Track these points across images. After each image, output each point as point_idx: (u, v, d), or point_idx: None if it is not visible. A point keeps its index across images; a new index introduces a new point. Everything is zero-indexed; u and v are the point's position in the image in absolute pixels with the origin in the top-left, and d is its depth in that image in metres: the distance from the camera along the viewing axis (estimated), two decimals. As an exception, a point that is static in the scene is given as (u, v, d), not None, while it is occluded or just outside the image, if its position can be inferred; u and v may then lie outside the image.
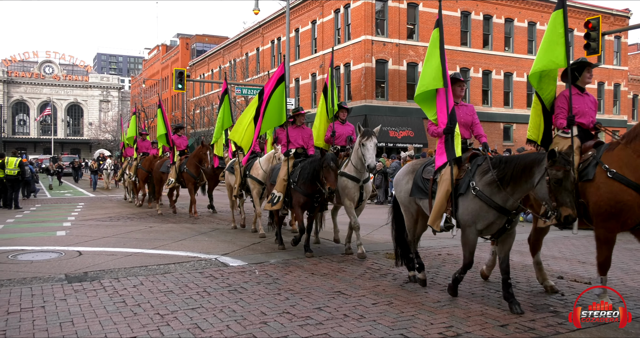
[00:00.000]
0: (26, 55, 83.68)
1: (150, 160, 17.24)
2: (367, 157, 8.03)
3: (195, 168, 14.18)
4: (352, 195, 8.62)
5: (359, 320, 5.16)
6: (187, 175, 14.37)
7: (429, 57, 6.57)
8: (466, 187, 5.67)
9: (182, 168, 14.49)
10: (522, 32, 36.50)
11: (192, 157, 14.27)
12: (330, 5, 34.76)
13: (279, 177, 9.05)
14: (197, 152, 14.08)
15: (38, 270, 7.65)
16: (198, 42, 64.71)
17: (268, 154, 10.81)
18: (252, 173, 10.88)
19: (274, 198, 8.88)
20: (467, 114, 6.56)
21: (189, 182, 14.50)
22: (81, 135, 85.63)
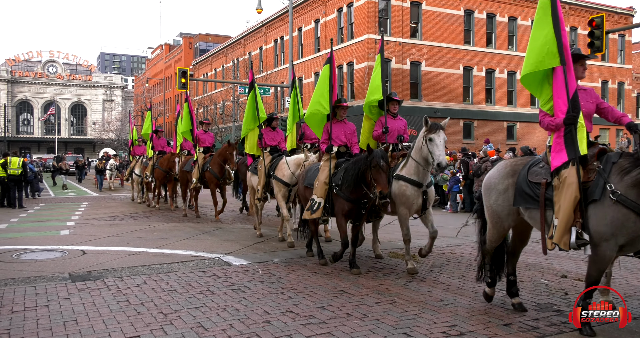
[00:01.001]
0: (30, 54, 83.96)
1: (168, 158, 16.05)
2: (437, 154, 6.87)
3: (219, 168, 13.06)
4: (410, 203, 7.32)
5: (362, 319, 5.16)
6: (209, 175, 13.30)
7: (538, 27, 5.18)
8: (601, 191, 4.51)
9: (206, 167, 13.46)
10: (526, 30, 36.35)
11: (216, 156, 13.14)
12: (333, 4, 34.74)
13: (318, 180, 7.79)
14: (222, 151, 12.94)
15: (42, 269, 7.67)
16: (201, 42, 64.79)
17: (297, 157, 9.61)
18: (277, 174, 9.78)
19: (314, 205, 7.65)
20: (589, 101, 5.19)
21: (211, 182, 13.42)
22: (85, 135, 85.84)
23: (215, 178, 13.23)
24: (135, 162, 20.13)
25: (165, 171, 16.00)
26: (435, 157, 6.88)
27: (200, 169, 13.58)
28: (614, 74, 40.02)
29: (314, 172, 8.19)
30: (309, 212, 7.70)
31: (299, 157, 9.51)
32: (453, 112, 32.36)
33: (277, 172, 9.80)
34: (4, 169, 17.48)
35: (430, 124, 6.97)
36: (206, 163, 13.50)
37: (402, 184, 7.32)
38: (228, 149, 12.74)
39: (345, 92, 34.17)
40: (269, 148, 10.54)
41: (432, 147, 6.91)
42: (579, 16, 37.65)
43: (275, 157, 10.29)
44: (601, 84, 39.58)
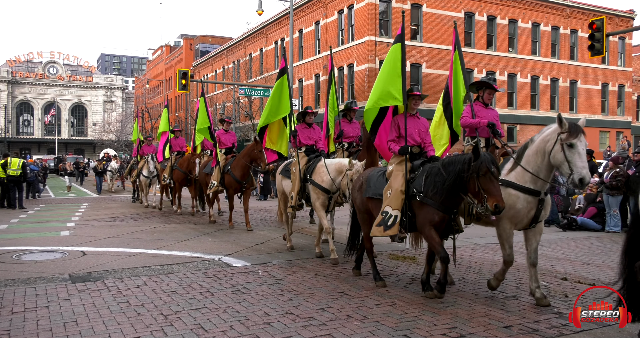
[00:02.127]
0: (30, 55, 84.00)
1: (187, 159, 15.05)
2: (579, 165, 5.27)
3: (242, 170, 11.73)
4: (521, 217, 5.87)
5: (362, 321, 5.16)
6: (229, 179, 12.03)
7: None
8: None
9: (226, 169, 12.17)
10: (526, 32, 36.43)
11: (241, 157, 11.76)
12: (334, 6, 34.77)
13: (392, 189, 6.23)
14: (249, 150, 11.54)
15: (42, 270, 7.67)
16: (202, 43, 64.82)
17: (338, 162, 8.20)
18: (316, 179, 8.45)
19: (387, 219, 6.10)
20: None
21: (230, 187, 12.14)
22: (85, 136, 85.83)
23: (236, 182, 11.89)
24: (143, 162, 18.51)
25: (185, 173, 15.10)
26: (575, 169, 5.29)
27: (220, 171, 12.35)
28: (614, 76, 40.05)
29: (379, 179, 6.67)
30: (380, 228, 6.19)
31: (341, 163, 8.10)
32: (453, 114, 32.34)
33: (315, 177, 8.48)
34: (3, 170, 17.48)
35: (567, 124, 5.44)
36: (227, 164, 12.25)
37: (513, 193, 5.86)
38: (256, 146, 11.18)
39: (345, 94, 34.19)
40: (304, 147, 9.23)
41: (571, 156, 5.34)
42: (580, 19, 37.70)
43: (312, 158, 8.99)
44: (601, 86, 39.62)
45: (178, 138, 17.01)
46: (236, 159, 12.03)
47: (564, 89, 38.11)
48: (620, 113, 41.06)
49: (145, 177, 17.81)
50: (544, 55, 37.16)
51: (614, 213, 11.86)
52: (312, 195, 8.54)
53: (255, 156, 11.30)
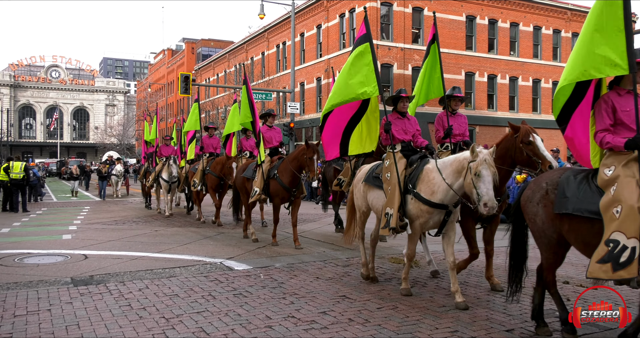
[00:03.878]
0: (33, 59, 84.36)
1: (222, 163, 13.04)
2: None
3: (291, 176, 9.77)
4: None
5: (364, 325, 5.16)
6: (275, 186, 9.95)
7: None
8: None
9: (272, 174, 10.07)
10: (528, 36, 36.46)
11: (289, 161, 9.85)
12: (335, 9, 34.84)
13: (623, 205, 4.02)
14: (298, 153, 9.65)
15: (44, 273, 7.68)
16: (203, 47, 64.97)
17: (455, 159, 5.86)
18: (422, 191, 6.07)
19: (619, 253, 3.96)
20: None
21: (276, 195, 10.01)
22: (87, 139, 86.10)
23: (285, 190, 9.87)
24: (161, 165, 16.67)
25: (219, 177, 13.26)
26: None
27: (264, 176, 10.21)
28: (616, 79, 40.00)
29: (583, 187, 4.50)
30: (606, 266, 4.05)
31: (458, 159, 5.81)
32: (455, 117, 32.37)
33: (422, 187, 6.11)
34: (6, 174, 17.54)
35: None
36: (273, 168, 10.15)
37: None
38: (306, 151, 9.37)
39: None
40: (399, 145, 6.80)
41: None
42: (581, 22, 37.57)
43: (415, 160, 6.49)
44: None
45: (212, 137, 14.88)
46: (283, 162, 9.98)
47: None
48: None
49: (164, 182, 15.98)
50: (546, 59, 37.16)
51: None
52: (413, 211, 6.12)
53: (304, 163, 9.46)
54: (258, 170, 10.36)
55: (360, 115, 7.24)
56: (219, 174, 13.20)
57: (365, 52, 7.06)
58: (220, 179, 13.30)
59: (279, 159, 10.38)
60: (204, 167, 13.93)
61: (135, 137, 72.43)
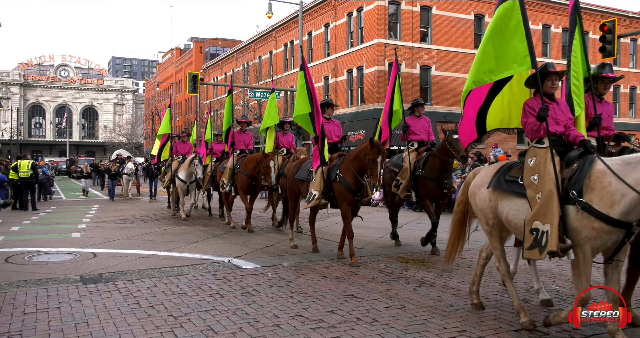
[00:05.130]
0: (42, 58, 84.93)
1: (255, 160, 11.64)
2: None
3: (354, 177, 8.22)
4: None
5: (371, 324, 5.15)
6: (340, 188, 8.36)
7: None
8: None
9: (333, 175, 8.53)
10: (537, 34, 36.23)
11: (350, 159, 8.27)
12: (343, 8, 34.81)
13: None
14: (359, 152, 8.10)
15: (53, 271, 7.73)
16: (211, 46, 65.13)
17: None
18: (598, 203, 4.44)
19: None
20: None
21: (343, 199, 8.36)
22: (96, 138, 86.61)
23: (350, 192, 8.31)
24: (177, 163, 15.51)
25: (250, 177, 11.82)
26: None
27: (325, 177, 8.65)
28: (626, 78, 39.73)
29: None
30: None
31: None
32: (463, 116, 32.27)
33: (592, 195, 4.51)
34: (15, 172, 17.67)
35: None
36: (334, 168, 8.64)
37: None
38: (369, 151, 7.81)
39: (355, 96, 34.19)
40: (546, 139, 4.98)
41: None
42: (591, 20, 37.45)
43: (576, 158, 4.83)
44: (613, 88, 39.31)
45: (244, 132, 13.38)
46: (344, 161, 8.45)
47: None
48: (632, 115, 40.73)
49: (182, 182, 14.60)
50: (555, 57, 36.91)
51: None
52: (580, 230, 4.50)
53: (366, 165, 7.90)
54: (317, 170, 8.78)
55: (500, 86, 5.52)
56: (250, 173, 11.78)
57: (512, 11, 5.41)
58: (252, 179, 11.88)
59: (339, 156, 8.90)
60: (234, 165, 12.39)
61: (144, 136, 72.78)
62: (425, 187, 9.17)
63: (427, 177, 9.10)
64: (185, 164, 14.62)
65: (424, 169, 9.15)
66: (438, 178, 9.02)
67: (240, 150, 12.99)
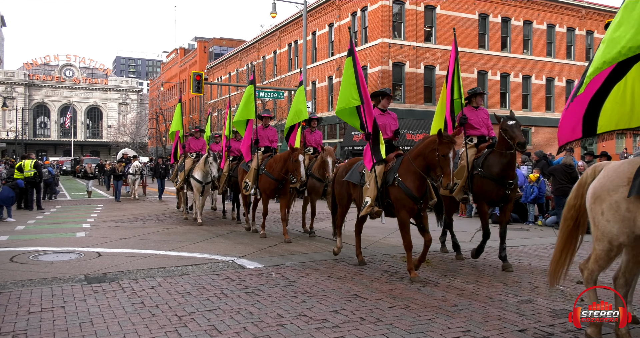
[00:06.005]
0: (47, 58, 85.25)
1: (283, 159, 10.23)
2: None
3: (417, 179, 7.00)
4: None
5: (375, 324, 5.15)
6: (398, 194, 7.09)
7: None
8: None
9: (390, 178, 7.24)
10: (541, 34, 36.17)
11: (411, 158, 7.07)
12: (347, 8, 34.80)
13: None
14: (424, 148, 6.94)
15: (58, 270, 7.75)
16: (216, 46, 65.18)
17: None
18: None
19: None
20: None
21: (401, 206, 7.10)
22: (100, 138, 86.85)
23: (411, 199, 7.02)
24: (191, 162, 14.28)
25: (277, 180, 10.46)
26: None
27: (380, 181, 7.40)
28: (631, 78, 39.58)
29: None
30: None
31: None
32: (467, 116, 32.21)
33: None
34: (20, 172, 17.73)
35: None
36: (391, 170, 7.32)
37: None
38: (439, 147, 6.69)
39: (358, 96, 34.11)
40: None
41: None
42: (596, 20, 37.37)
43: None
44: None
45: (267, 128, 12.12)
46: (404, 161, 7.22)
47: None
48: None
49: (197, 182, 13.46)
50: (559, 57, 36.86)
51: None
52: None
53: (434, 162, 6.75)
54: (371, 172, 7.50)
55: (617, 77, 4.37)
56: (277, 176, 10.37)
57: None
58: (279, 183, 10.47)
59: (397, 156, 7.63)
60: (258, 165, 11.01)
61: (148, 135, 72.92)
62: (483, 187, 7.91)
63: (485, 176, 7.86)
64: (200, 163, 13.48)
65: (483, 167, 7.93)
66: (499, 178, 7.75)
67: (265, 147, 11.72)
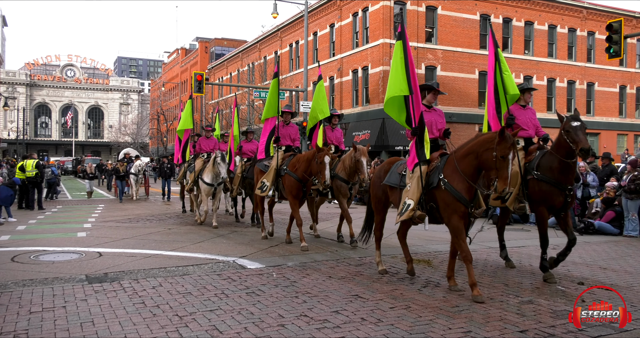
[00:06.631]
0: (49, 58, 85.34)
1: (308, 159, 9.43)
2: None
3: (466, 181, 6.15)
4: None
5: (376, 324, 5.15)
6: (445, 197, 6.27)
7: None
8: None
9: (436, 179, 6.41)
10: (543, 35, 36.14)
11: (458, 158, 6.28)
12: (348, 8, 34.81)
13: None
14: (478, 145, 6.08)
15: (59, 270, 7.76)
16: (217, 46, 65.24)
17: None
18: None
19: None
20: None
21: (451, 211, 6.23)
22: (101, 138, 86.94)
23: (461, 202, 6.17)
24: (201, 163, 13.53)
25: (300, 181, 9.62)
26: None
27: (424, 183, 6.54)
28: (632, 79, 39.57)
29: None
30: None
31: None
32: (468, 116, 32.24)
33: None
34: (22, 172, 17.76)
35: None
36: (435, 171, 6.52)
37: None
38: (498, 145, 5.82)
39: (360, 96, 34.17)
40: None
41: None
42: (597, 21, 37.32)
43: None
44: (619, 89, 39.17)
45: (289, 125, 11.03)
46: (450, 160, 6.41)
47: (580, 91, 37.72)
48: (638, 116, 40.54)
49: (207, 185, 12.74)
50: (561, 58, 36.83)
51: (633, 218, 11.71)
52: None
53: (490, 163, 5.87)
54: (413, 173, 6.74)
55: None
56: (301, 177, 9.56)
57: None
58: (303, 183, 9.67)
59: (442, 155, 6.77)
60: (279, 165, 10.21)
61: (149, 136, 72.98)
62: (542, 193, 7.08)
63: (544, 180, 7.06)
64: (210, 165, 12.74)
65: (539, 170, 7.16)
66: (559, 182, 6.96)
67: (286, 146, 10.75)
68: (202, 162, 13.53)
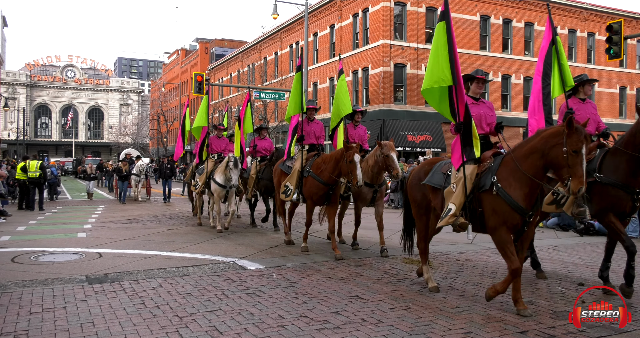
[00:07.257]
0: (49, 59, 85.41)
1: (335, 159, 8.60)
2: None
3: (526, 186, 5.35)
4: None
5: (376, 325, 5.15)
6: (497, 204, 5.49)
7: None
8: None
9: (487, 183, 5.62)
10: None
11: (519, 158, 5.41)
12: (348, 9, 34.83)
13: None
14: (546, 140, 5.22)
15: (59, 271, 7.76)
16: (217, 47, 65.26)
17: None
18: None
19: None
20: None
21: (501, 221, 5.45)
22: (102, 139, 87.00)
23: (517, 212, 5.38)
24: (213, 164, 12.79)
25: (327, 184, 8.85)
26: None
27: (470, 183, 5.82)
28: (632, 79, 39.57)
29: None
30: None
31: None
32: (468, 117, 32.20)
33: None
34: (24, 173, 17.77)
35: None
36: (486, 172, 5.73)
37: None
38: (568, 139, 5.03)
39: (360, 97, 34.17)
40: None
41: None
42: (597, 21, 37.33)
43: None
44: (619, 89, 39.17)
45: (313, 121, 10.23)
46: (506, 161, 5.62)
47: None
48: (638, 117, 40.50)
49: (219, 186, 12.08)
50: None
51: (633, 218, 11.70)
52: None
53: (559, 162, 5.08)
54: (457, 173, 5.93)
55: None
56: (327, 180, 8.78)
57: None
58: (330, 187, 8.89)
59: (495, 155, 5.95)
60: (303, 165, 9.43)
61: (149, 136, 73.00)
62: (608, 197, 6.21)
63: (609, 183, 6.18)
64: (222, 166, 12.11)
65: (602, 171, 6.32)
66: (627, 185, 6.15)
67: (310, 145, 9.97)
68: (214, 163, 12.85)
